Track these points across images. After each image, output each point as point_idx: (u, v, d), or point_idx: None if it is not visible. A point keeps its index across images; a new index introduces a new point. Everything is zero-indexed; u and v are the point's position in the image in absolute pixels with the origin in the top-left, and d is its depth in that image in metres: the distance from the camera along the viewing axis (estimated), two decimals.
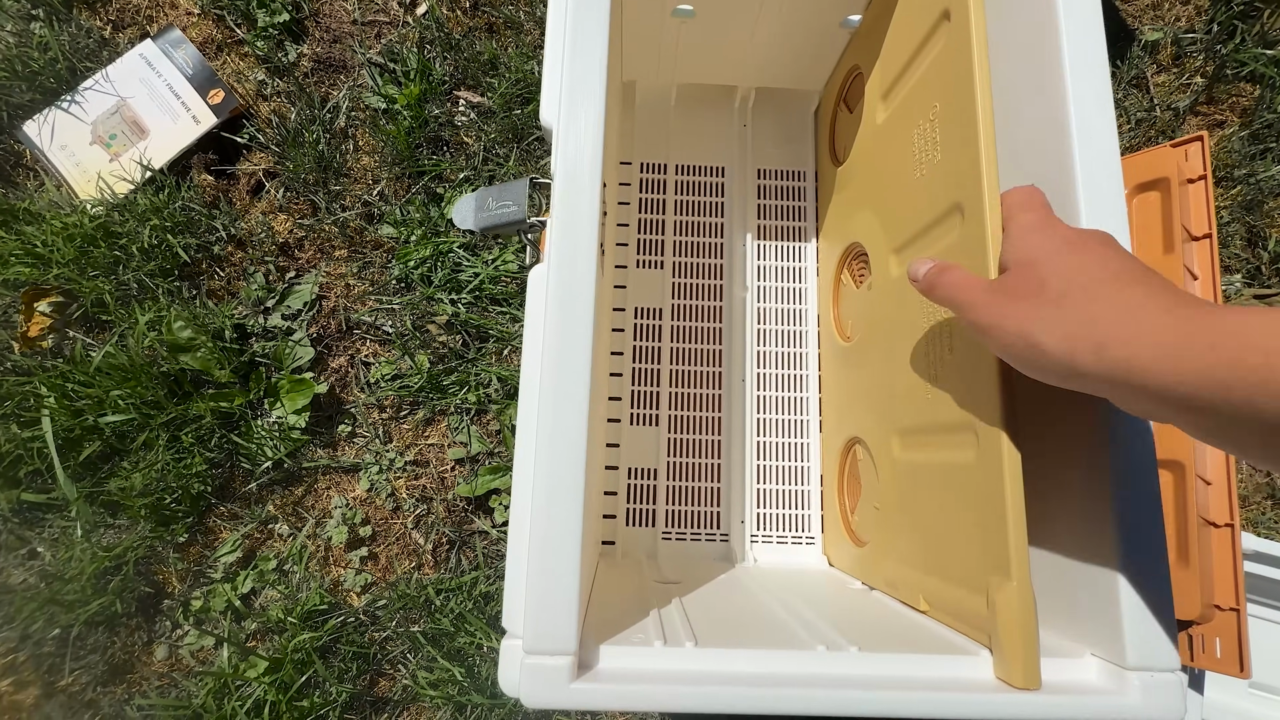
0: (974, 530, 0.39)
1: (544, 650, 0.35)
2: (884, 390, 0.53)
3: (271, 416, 0.81)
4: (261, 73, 0.89)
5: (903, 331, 0.48)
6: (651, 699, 0.35)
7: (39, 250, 0.79)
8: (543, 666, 0.35)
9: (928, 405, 0.45)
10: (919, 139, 0.46)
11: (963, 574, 0.40)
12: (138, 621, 0.76)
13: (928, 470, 0.46)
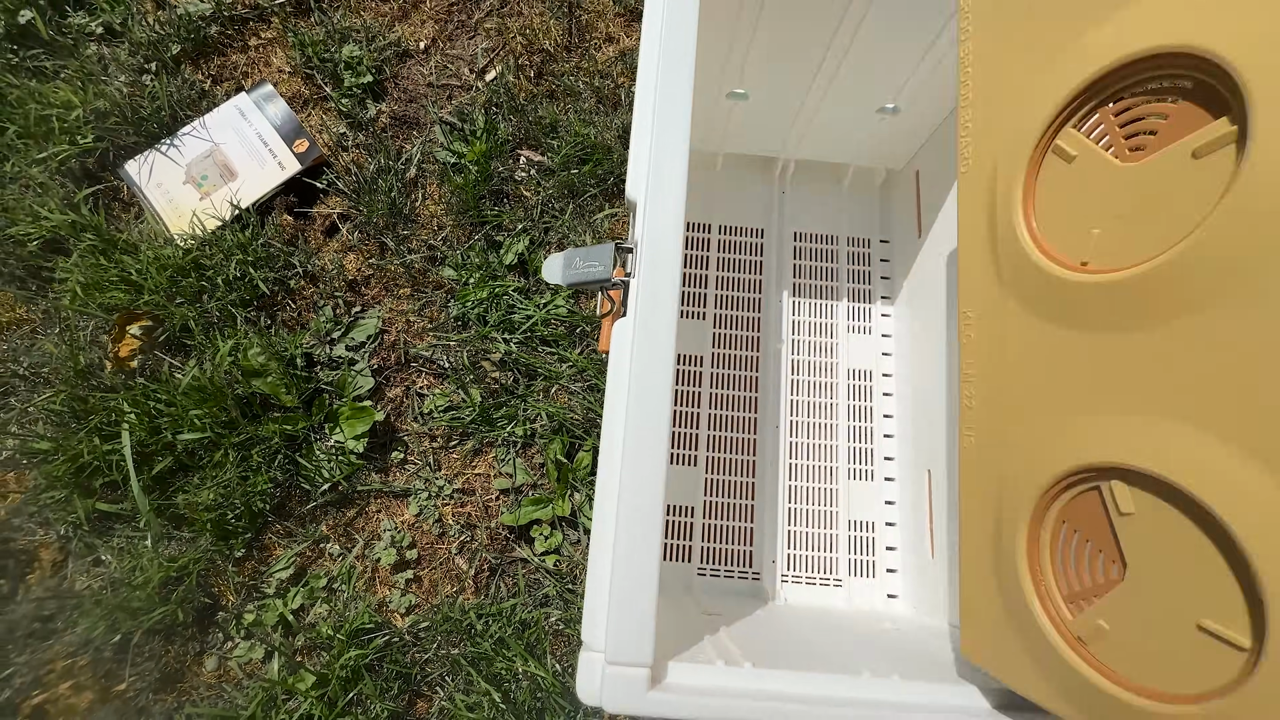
0: None
1: (624, 662, 0.39)
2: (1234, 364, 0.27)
3: (331, 441, 0.86)
4: (343, 126, 0.98)
5: None
6: (719, 711, 0.39)
7: (133, 278, 0.86)
8: (623, 676, 0.39)
9: None
10: None
11: None
12: (191, 632, 0.80)
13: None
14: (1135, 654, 0.32)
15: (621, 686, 0.39)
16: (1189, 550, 0.29)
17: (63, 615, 0.80)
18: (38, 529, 0.83)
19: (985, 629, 0.41)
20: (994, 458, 0.40)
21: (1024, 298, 0.38)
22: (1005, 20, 0.40)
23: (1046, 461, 0.36)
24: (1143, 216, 0.31)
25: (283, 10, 1.03)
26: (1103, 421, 0.33)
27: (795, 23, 0.64)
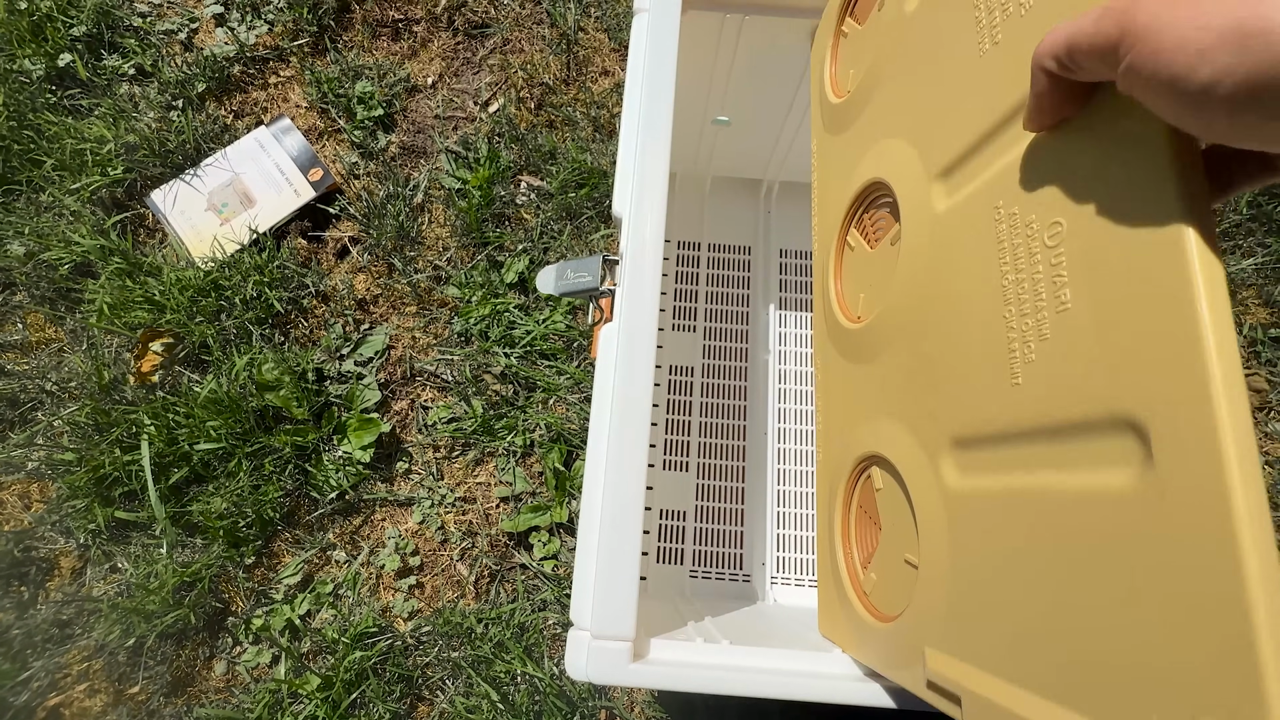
0: (1141, 627, 0.22)
1: (608, 636, 0.42)
2: (923, 383, 0.38)
3: (339, 451, 0.90)
4: (355, 156, 1.05)
5: (959, 289, 0.34)
6: (695, 681, 0.42)
7: (156, 298, 0.92)
8: (607, 649, 0.42)
9: (1017, 396, 0.29)
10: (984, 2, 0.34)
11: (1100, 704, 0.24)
12: (202, 636, 0.83)
13: (1015, 508, 0.29)
14: (883, 592, 0.43)
15: (606, 659, 0.42)
16: (901, 506, 0.40)
17: (80, 620, 0.84)
18: (59, 537, 0.87)
19: (831, 607, 0.50)
20: (827, 467, 0.52)
21: (835, 343, 0.51)
22: (823, 159, 0.58)
23: (845, 459, 0.48)
24: (876, 284, 0.46)
25: (300, 50, 1.10)
26: (865, 425, 0.45)
27: (769, 55, 0.69)
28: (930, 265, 0.38)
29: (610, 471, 0.46)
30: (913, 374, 0.39)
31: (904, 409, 0.40)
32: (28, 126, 1.01)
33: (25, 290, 0.98)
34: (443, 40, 1.12)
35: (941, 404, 0.36)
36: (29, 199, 1.00)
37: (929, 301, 0.38)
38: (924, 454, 0.38)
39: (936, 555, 0.36)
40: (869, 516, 0.45)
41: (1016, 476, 0.30)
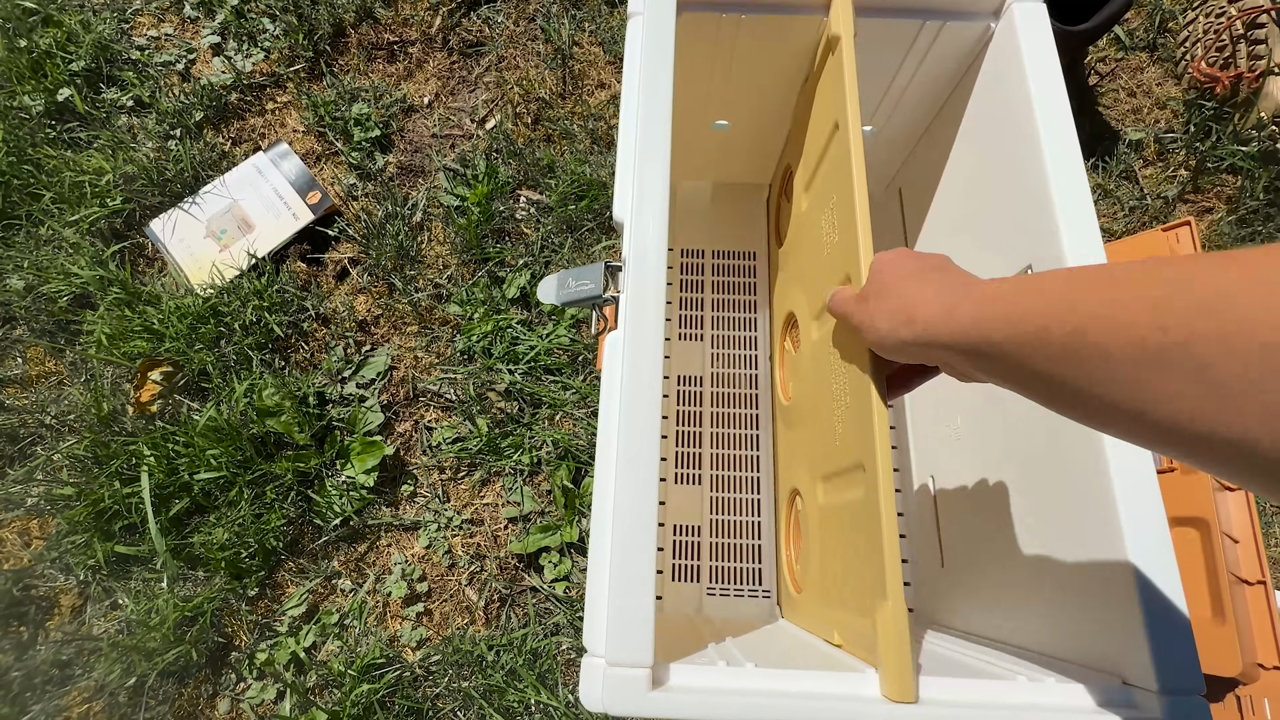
0: (865, 560, 0.44)
1: (624, 663, 0.40)
2: (811, 441, 0.60)
3: (342, 476, 0.88)
4: (353, 177, 1.04)
5: (821, 387, 0.56)
6: (720, 708, 0.39)
7: (155, 327, 0.91)
8: (624, 677, 0.40)
9: (836, 451, 0.51)
10: (825, 224, 0.56)
11: (859, 603, 0.45)
12: (205, 674, 0.80)
13: (838, 510, 0.52)
14: (800, 572, 0.64)
15: (623, 688, 0.39)
16: (806, 518, 0.62)
17: (80, 660, 0.81)
18: (59, 574, 0.85)
19: (785, 593, 0.68)
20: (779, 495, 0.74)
21: (780, 414, 0.74)
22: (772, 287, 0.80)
23: (784, 491, 0.71)
24: (795, 377, 0.67)
25: (297, 76, 1.10)
26: (793, 469, 0.67)
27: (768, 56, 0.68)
28: (810, 372, 0.60)
29: (620, 487, 0.43)
30: (807, 435, 0.62)
31: (807, 459, 0.61)
32: (27, 161, 1.01)
33: (25, 324, 0.97)
34: (438, 60, 1.12)
35: (816, 458, 0.58)
36: (28, 233, 0.99)
37: (811, 391, 0.60)
38: (813, 485, 0.59)
39: (812, 543, 0.60)
40: (797, 528, 0.66)
41: (836, 493, 0.53)
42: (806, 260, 0.64)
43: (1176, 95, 1.05)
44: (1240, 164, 0.97)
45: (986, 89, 0.63)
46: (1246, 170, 0.97)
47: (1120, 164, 1.01)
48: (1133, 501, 0.43)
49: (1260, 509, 0.84)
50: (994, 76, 0.61)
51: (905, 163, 0.82)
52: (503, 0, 1.14)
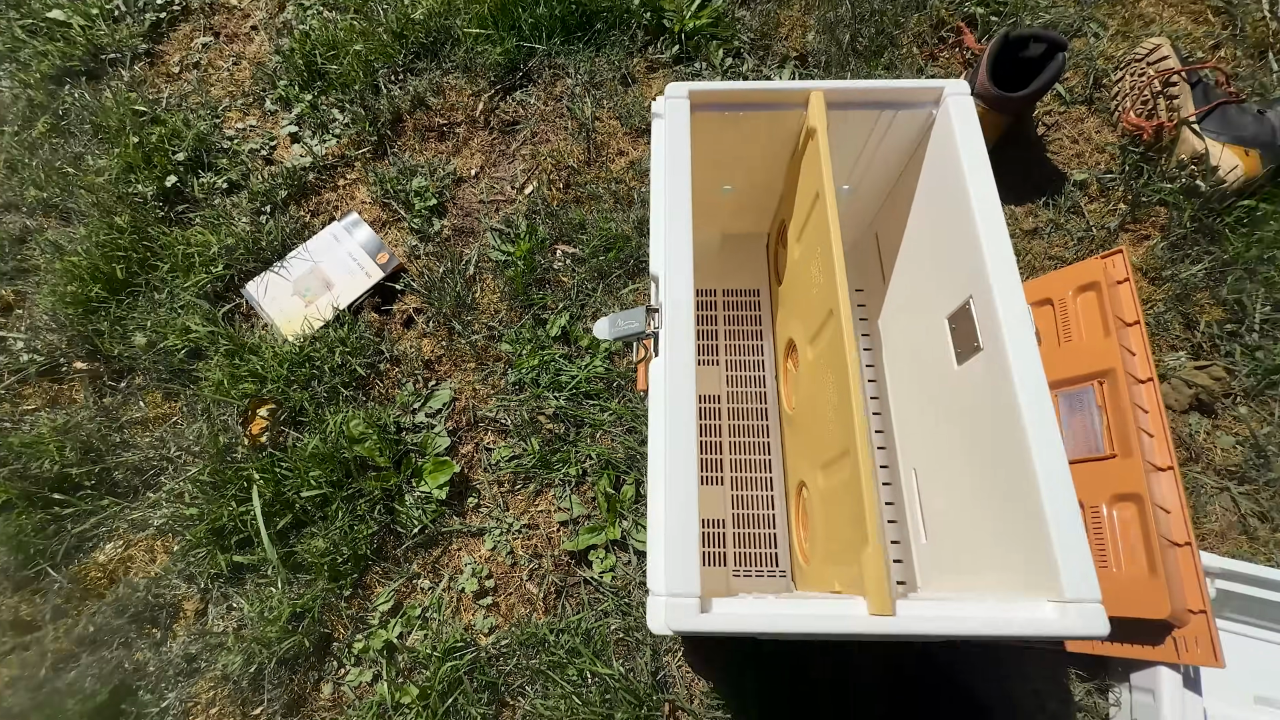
0: (853, 521, 0.60)
1: (679, 594, 0.55)
2: (810, 439, 0.78)
3: (418, 491, 1.04)
4: (414, 240, 1.23)
5: (816, 395, 0.74)
6: (751, 623, 0.54)
7: (259, 371, 1.08)
8: (679, 605, 0.55)
9: (830, 443, 0.68)
10: (814, 269, 0.74)
11: (852, 554, 0.60)
12: (311, 662, 0.95)
13: (834, 490, 0.69)
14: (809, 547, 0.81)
15: (679, 612, 0.55)
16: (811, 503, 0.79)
17: (205, 655, 0.96)
18: (182, 584, 1.01)
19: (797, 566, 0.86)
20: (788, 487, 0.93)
21: (785, 421, 0.95)
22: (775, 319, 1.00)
23: (793, 482, 0.89)
24: (796, 390, 0.88)
25: (363, 156, 1.31)
26: (797, 463, 0.86)
27: (762, 142, 0.86)
28: (808, 384, 0.80)
29: (670, 470, 0.59)
30: (808, 435, 0.79)
31: (808, 454, 0.78)
32: (145, 238, 1.21)
33: (143, 374, 1.15)
34: (481, 138, 1.33)
35: (815, 451, 0.75)
36: (147, 297, 1.18)
37: (809, 399, 0.79)
38: (814, 474, 0.75)
39: (817, 520, 0.76)
40: (804, 513, 0.83)
41: (832, 476, 0.69)
42: (800, 297, 0.82)
43: (1113, 141, 1.23)
44: (1168, 198, 1.14)
45: (934, 158, 0.81)
46: (1174, 203, 1.14)
47: (1068, 201, 1.19)
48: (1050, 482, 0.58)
49: (1188, 487, 0.98)
50: (938, 148, 0.79)
51: (878, 213, 1.00)
52: (533, 85, 1.35)
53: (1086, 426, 0.90)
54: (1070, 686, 0.88)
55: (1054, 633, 0.54)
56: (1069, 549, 0.56)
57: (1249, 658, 0.86)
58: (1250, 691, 0.84)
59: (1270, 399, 1.02)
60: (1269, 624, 0.87)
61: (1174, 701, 0.77)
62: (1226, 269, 1.09)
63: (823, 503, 0.74)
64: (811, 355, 0.78)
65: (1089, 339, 0.95)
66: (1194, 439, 1.01)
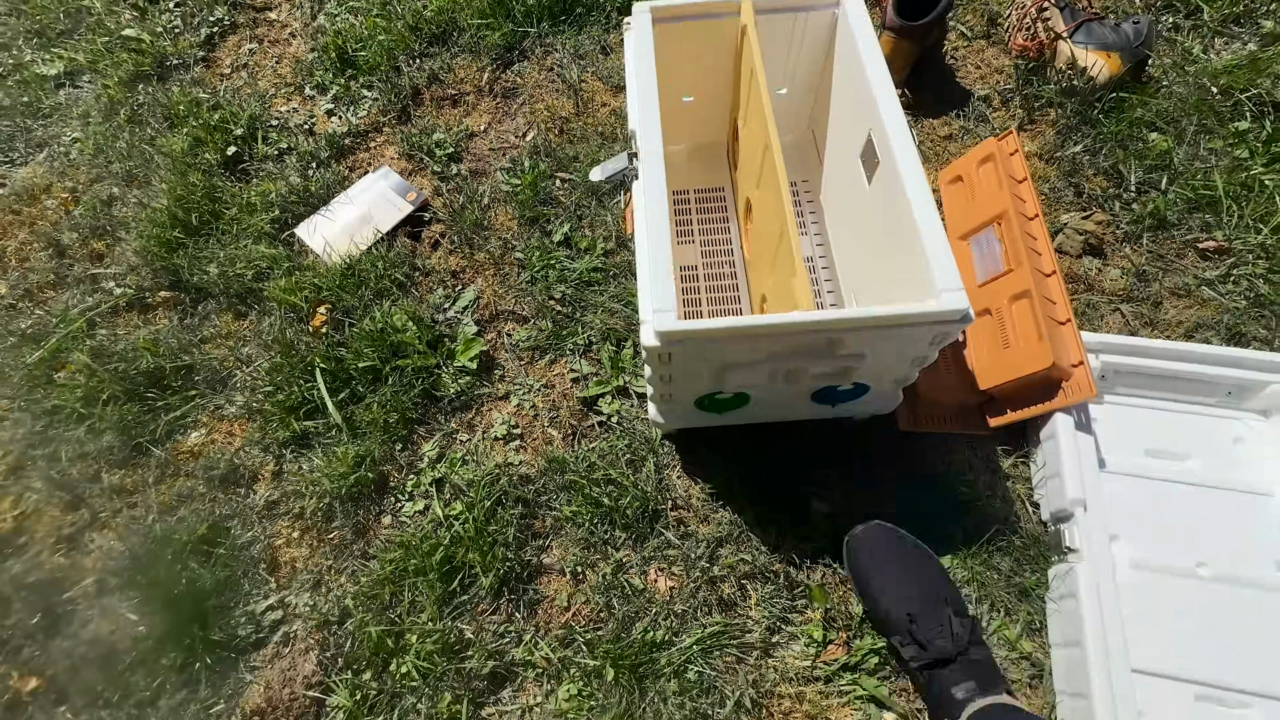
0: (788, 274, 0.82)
1: (662, 309, 0.77)
2: (762, 257, 1.02)
3: (453, 367, 1.25)
4: (437, 181, 1.48)
5: (762, 216, 0.98)
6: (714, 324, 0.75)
7: (315, 283, 1.31)
8: (663, 316, 0.76)
9: (773, 244, 0.91)
10: (753, 125, 1.00)
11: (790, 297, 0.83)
12: (372, 499, 1.14)
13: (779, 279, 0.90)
14: None
15: (662, 320, 0.76)
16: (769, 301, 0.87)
17: (284, 501, 1.15)
18: (259, 453, 1.20)
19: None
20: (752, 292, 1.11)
21: (748, 266, 1.19)
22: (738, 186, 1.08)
23: (755, 298, 1.11)
24: (752, 237, 1.10)
25: (390, 122, 1.57)
26: (757, 282, 1.09)
27: (710, 50, 1.11)
28: (758, 220, 1.03)
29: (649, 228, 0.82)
30: (760, 256, 1.02)
31: (762, 267, 1.02)
32: (214, 191, 1.46)
33: (216, 299, 1.37)
34: (487, 103, 1.59)
35: (766, 261, 0.96)
36: (217, 239, 1.42)
37: (760, 234, 1.01)
38: (766, 279, 0.99)
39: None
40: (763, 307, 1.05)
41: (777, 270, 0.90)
42: (746, 158, 1.05)
43: (1007, 64, 1.49)
44: (1053, 99, 1.39)
45: (841, 50, 1.06)
46: (1058, 102, 1.39)
47: (975, 111, 1.44)
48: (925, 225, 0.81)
49: (1084, 311, 1.20)
50: (843, 41, 1.04)
51: (811, 112, 1.25)
52: (528, 60, 1.63)
53: (991, 255, 1.13)
54: (998, 460, 1.08)
55: (929, 310, 0.75)
56: (938, 264, 0.78)
57: (1139, 422, 1.05)
58: (1142, 447, 1.03)
59: (1144, 240, 1.25)
60: (1154, 394, 1.07)
61: (1068, 437, 0.97)
62: (1103, 145, 1.33)
63: (771, 295, 0.96)
64: (757, 192, 1.01)
65: (988, 195, 1.19)
66: (1089, 274, 1.23)
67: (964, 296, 0.75)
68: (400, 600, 1.03)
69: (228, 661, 1.01)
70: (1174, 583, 0.93)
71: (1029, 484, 1.05)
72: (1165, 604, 0.91)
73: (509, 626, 1.01)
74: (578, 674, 0.96)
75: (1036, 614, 0.95)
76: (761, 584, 1.00)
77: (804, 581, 1.00)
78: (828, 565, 1.02)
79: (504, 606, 1.03)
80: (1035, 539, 0.99)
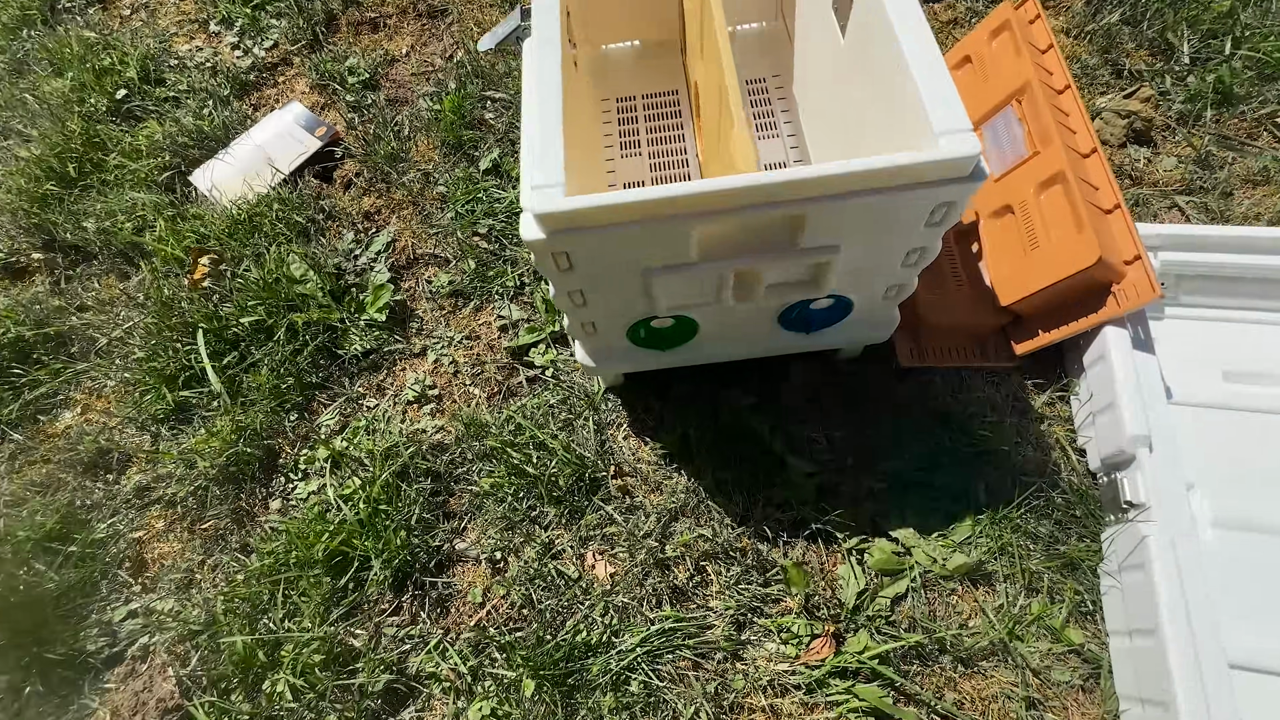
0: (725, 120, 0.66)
1: (545, 184, 0.55)
2: (710, 131, 0.82)
3: (361, 321, 1.04)
4: (351, 114, 1.26)
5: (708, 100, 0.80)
6: (602, 201, 0.53)
7: (201, 231, 1.11)
8: (545, 194, 0.54)
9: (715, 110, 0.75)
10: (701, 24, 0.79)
11: None
12: (259, 480, 0.94)
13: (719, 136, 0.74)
14: None
15: (544, 198, 0.54)
16: None
17: (155, 486, 0.96)
18: (134, 430, 1.01)
19: None
20: None
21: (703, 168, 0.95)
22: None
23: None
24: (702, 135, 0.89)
25: (301, 52, 1.36)
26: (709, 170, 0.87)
27: None
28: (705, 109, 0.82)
29: (536, 110, 0.59)
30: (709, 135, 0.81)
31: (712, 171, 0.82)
32: (95, 138, 1.26)
33: (98, 261, 1.18)
34: (412, 25, 1.37)
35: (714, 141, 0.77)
36: (99, 191, 1.23)
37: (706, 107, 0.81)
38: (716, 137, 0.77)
39: None
40: None
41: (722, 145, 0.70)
42: (693, 36, 0.82)
43: None
44: None
45: None
46: None
47: None
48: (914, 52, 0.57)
49: (1135, 207, 0.95)
50: None
51: None
52: None
53: (1012, 139, 0.89)
54: (1029, 399, 0.84)
55: (925, 160, 0.52)
56: (934, 97, 0.54)
57: (1214, 338, 0.81)
58: (1219, 369, 0.79)
59: (1205, 118, 0.99)
60: (1231, 301, 0.82)
61: (1123, 358, 0.73)
62: (1146, 11, 1.08)
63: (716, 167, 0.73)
64: (701, 64, 0.78)
65: (1005, 69, 0.94)
66: (1135, 166, 0.98)
67: (974, 139, 0.52)
68: (279, 602, 0.83)
69: (68, 684, 0.82)
70: (1273, 544, 0.69)
71: (1071, 426, 0.82)
72: (1264, 573, 0.68)
73: (412, 630, 0.81)
74: (493, 688, 0.75)
75: (1088, 592, 0.72)
76: (725, 565, 0.78)
77: (779, 561, 0.78)
78: (810, 540, 0.79)
79: (407, 605, 0.83)
80: (1083, 494, 0.76)
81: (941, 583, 0.76)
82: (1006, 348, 0.85)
